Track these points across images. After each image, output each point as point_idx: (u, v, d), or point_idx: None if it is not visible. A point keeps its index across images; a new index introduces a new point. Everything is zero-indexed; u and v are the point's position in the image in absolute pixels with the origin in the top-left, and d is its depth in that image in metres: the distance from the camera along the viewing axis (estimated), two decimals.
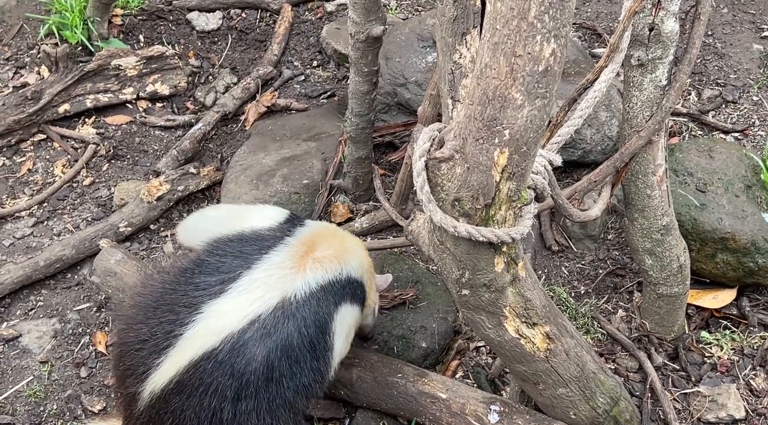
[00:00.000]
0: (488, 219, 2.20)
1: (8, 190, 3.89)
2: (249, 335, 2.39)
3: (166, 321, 2.43)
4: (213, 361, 2.37)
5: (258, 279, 2.47)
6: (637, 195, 2.94)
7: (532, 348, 2.58)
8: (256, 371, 2.40)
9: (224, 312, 2.40)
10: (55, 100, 4.12)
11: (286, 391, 2.49)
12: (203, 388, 2.40)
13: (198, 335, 2.39)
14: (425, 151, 2.22)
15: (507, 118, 2.03)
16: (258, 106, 4.46)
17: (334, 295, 2.63)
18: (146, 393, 2.46)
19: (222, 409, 2.41)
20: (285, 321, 2.46)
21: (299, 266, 2.57)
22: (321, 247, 2.67)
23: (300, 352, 2.49)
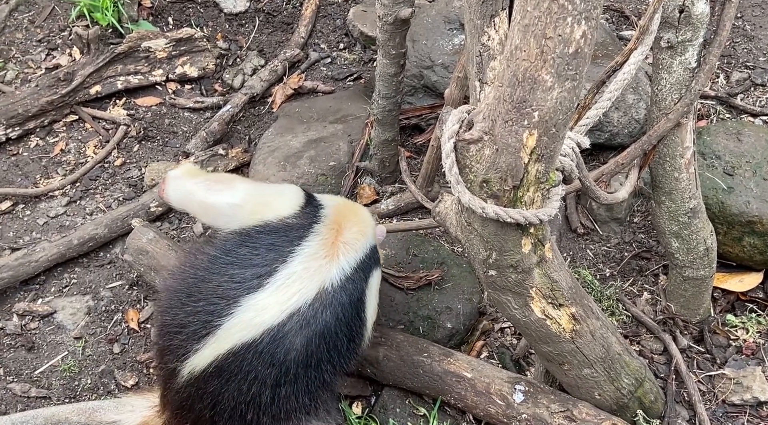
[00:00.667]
0: (516, 201, 2.22)
1: (42, 169, 3.96)
2: (288, 327, 2.45)
3: (203, 311, 2.49)
4: (253, 351, 2.44)
5: (295, 272, 2.51)
6: (664, 177, 2.94)
7: (557, 328, 2.61)
8: (296, 359, 2.47)
9: (264, 307, 2.45)
10: (86, 82, 4.19)
11: (324, 374, 2.57)
12: (242, 375, 2.48)
13: (237, 327, 2.44)
14: (454, 132, 2.24)
15: (536, 100, 2.04)
16: (285, 88, 4.49)
17: (364, 271, 2.69)
18: (185, 371, 2.54)
19: (261, 394, 2.49)
20: (323, 311, 2.51)
21: (332, 254, 2.61)
22: (346, 228, 2.70)
23: (337, 336, 2.56)
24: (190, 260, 2.68)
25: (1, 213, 3.74)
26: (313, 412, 2.62)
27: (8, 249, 3.57)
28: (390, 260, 3.47)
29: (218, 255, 2.62)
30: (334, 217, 2.73)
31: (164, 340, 2.60)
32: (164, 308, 2.63)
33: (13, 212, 3.76)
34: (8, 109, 3.99)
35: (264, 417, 2.53)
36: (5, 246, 3.59)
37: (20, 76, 4.43)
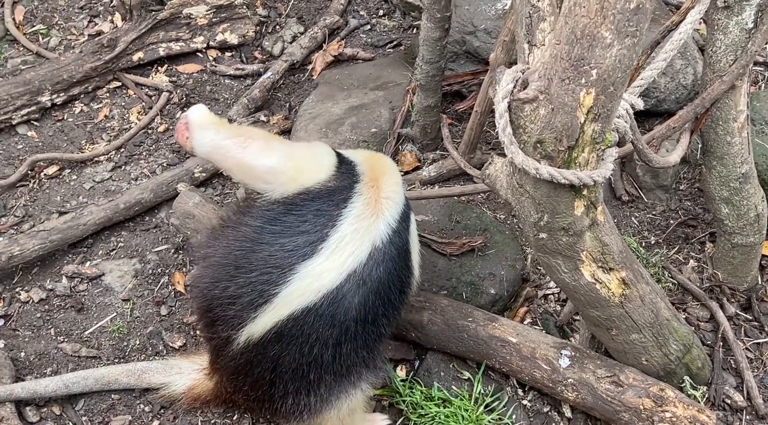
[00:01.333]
0: (570, 162, 2.20)
1: (87, 135, 4.00)
2: (347, 288, 2.50)
3: (257, 281, 2.51)
4: (314, 315, 2.49)
5: (346, 235, 2.53)
6: (716, 142, 2.89)
7: (607, 293, 2.59)
8: (355, 317, 2.53)
9: (320, 273, 2.48)
10: (129, 48, 4.20)
11: (381, 327, 2.64)
12: (303, 339, 2.53)
13: (296, 294, 2.48)
14: (508, 92, 2.22)
15: (595, 58, 2.02)
16: (325, 55, 4.48)
17: (404, 221, 2.72)
18: (242, 339, 2.58)
19: (323, 354, 2.55)
20: (376, 268, 2.56)
21: (377, 211, 2.62)
22: (383, 183, 2.70)
23: (390, 290, 2.62)
24: (232, 233, 2.69)
25: (49, 178, 3.79)
26: (371, 364, 2.68)
27: (56, 212, 3.62)
28: (432, 226, 3.47)
29: (263, 226, 2.63)
30: (369, 174, 2.72)
31: (214, 312, 2.62)
32: (210, 282, 2.64)
33: (60, 177, 3.80)
34: (53, 75, 4.02)
35: (326, 374, 2.59)
36: (53, 209, 3.64)
37: (63, 42, 4.46)
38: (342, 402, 2.68)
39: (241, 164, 2.71)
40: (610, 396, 2.80)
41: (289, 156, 2.72)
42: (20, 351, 3.15)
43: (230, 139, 2.69)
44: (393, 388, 3.03)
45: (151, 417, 3.00)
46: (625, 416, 2.78)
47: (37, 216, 3.63)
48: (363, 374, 2.69)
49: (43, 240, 3.36)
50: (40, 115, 4.05)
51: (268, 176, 2.68)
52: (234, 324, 2.58)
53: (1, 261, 3.28)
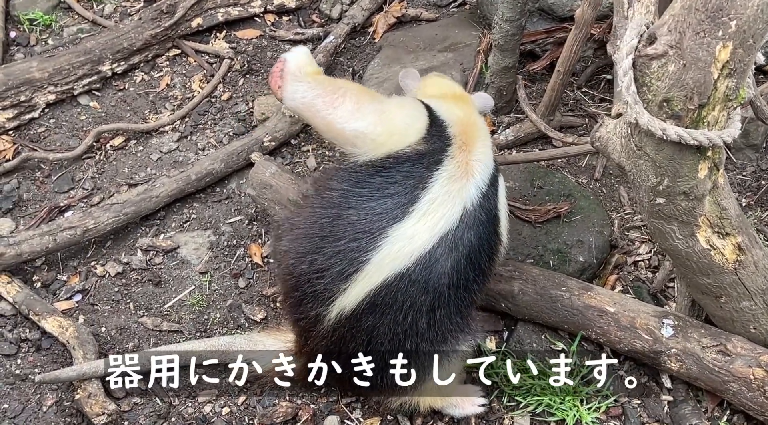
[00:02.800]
0: (699, 121, 2.06)
1: (149, 105, 3.91)
2: (439, 252, 2.41)
3: (346, 249, 2.42)
4: (407, 280, 2.40)
5: (437, 197, 2.45)
6: None
7: (721, 259, 2.47)
8: (448, 283, 2.44)
9: (413, 236, 2.40)
10: (188, 14, 4.08)
11: (472, 293, 2.56)
12: (397, 306, 2.44)
13: (388, 259, 2.39)
14: (633, 47, 2.07)
15: (735, 7, 1.87)
16: (387, 16, 4.33)
17: (493, 183, 2.62)
18: (333, 314, 2.49)
19: (417, 321, 2.46)
20: (467, 231, 2.47)
21: (468, 174, 2.52)
22: (475, 145, 2.59)
23: (480, 256, 2.53)
24: (317, 201, 2.59)
25: (115, 149, 3.71)
26: (466, 328, 2.59)
27: (125, 185, 3.55)
28: (515, 193, 3.34)
29: (350, 188, 2.53)
30: (461, 136, 2.60)
31: (302, 290, 2.53)
32: (297, 257, 2.54)
33: (126, 148, 3.72)
34: (114, 44, 3.92)
35: (423, 343, 2.50)
36: (122, 182, 3.57)
37: (118, 9, 4.35)
38: (442, 370, 2.59)
39: (330, 126, 2.62)
40: (718, 366, 2.70)
41: (379, 120, 2.60)
42: (101, 327, 3.10)
43: (322, 97, 2.58)
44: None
45: (237, 392, 2.93)
46: (734, 386, 2.68)
47: (106, 188, 3.55)
48: (459, 339, 2.60)
49: (117, 213, 3.28)
50: (102, 85, 3.95)
51: (357, 140, 2.58)
52: (324, 300, 2.49)
53: (77, 235, 3.21)
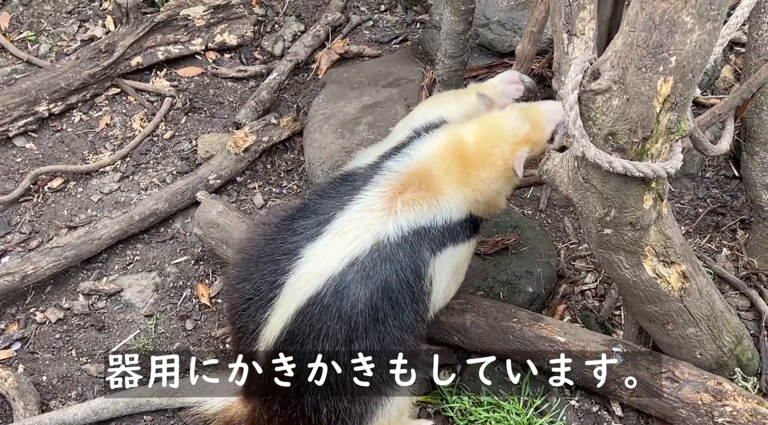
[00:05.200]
0: (643, 153, 2.12)
1: (89, 145, 3.82)
2: (350, 277, 2.36)
3: (268, 272, 2.40)
4: (319, 306, 2.35)
5: (351, 221, 2.41)
6: (760, 127, 2.85)
7: (667, 287, 2.52)
8: (363, 312, 2.38)
9: (323, 255, 2.37)
10: (127, 53, 4.03)
11: (393, 330, 2.46)
12: (315, 334, 2.37)
13: (301, 281, 2.36)
14: (578, 83, 2.12)
15: (675, 44, 1.93)
16: (330, 53, 4.35)
17: (430, 241, 2.53)
18: (261, 351, 2.44)
19: (336, 352, 2.39)
20: (382, 264, 2.41)
21: (389, 209, 2.46)
22: (412, 188, 2.50)
23: (399, 294, 2.45)
24: (261, 227, 2.58)
25: (54, 191, 3.61)
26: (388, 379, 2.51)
27: (65, 227, 3.45)
28: None
29: (290, 214, 2.53)
30: (406, 172, 2.52)
31: (236, 323, 2.50)
32: (232, 287, 2.52)
33: (65, 189, 3.62)
34: (50, 84, 3.83)
35: (349, 377, 2.43)
36: (62, 224, 3.46)
37: (54, 49, 4.26)
38: (377, 413, 2.53)
39: None
40: (667, 393, 2.74)
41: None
42: (42, 375, 2.99)
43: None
44: (438, 394, 2.93)
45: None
46: (683, 412, 2.72)
47: (45, 232, 3.45)
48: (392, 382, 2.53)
49: (57, 257, 3.18)
50: (38, 126, 3.86)
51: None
52: (251, 334, 2.44)
53: (15, 281, 3.11)
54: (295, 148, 3.93)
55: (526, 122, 2.55)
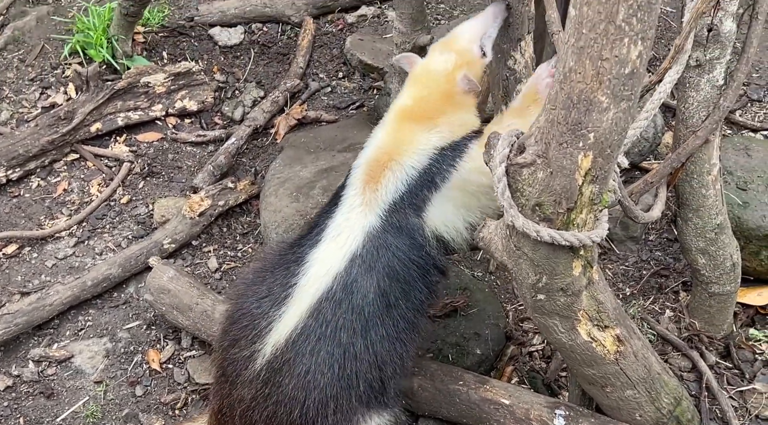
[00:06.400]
0: (569, 223, 2.21)
1: (46, 210, 3.86)
2: (355, 271, 2.55)
3: (281, 276, 2.62)
4: (331, 301, 2.52)
5: (339, 223, 2.63)
6: (692, 194, 2.96)
7: (602, 351, 2.59)
8: (374, 301, 2.55)
9: (325, 258, 2.57)
10: (87, 120, 4.11)
11: (406, 312, 2.63)
12: (331, 327, 2.52)
13: (311, 281, 2.55)
14: (505, 156, 2.22)
15: (592, 121, 2.04)
16: (288, 118, 4.46)
17: (410, 206, 2.68)
18: (268, 347, 2.52)
19: (353, 343, 2.52)
20: (378, 252, 2.59)
21: (365, 203, 2.66)
22: (380, 173, 2.70)
23: (405, 273, 2.63)
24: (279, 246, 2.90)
25: (8, 257, 3.63)
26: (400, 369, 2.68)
27: (18, 293, 3.46)
28: None
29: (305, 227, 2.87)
30: (367, 162, 2.76)
31: (239, 324, 2.62)
32: (245, 289, 2.71)
33: (20, 255, 3.64)
34: (8, 150, 3.89)
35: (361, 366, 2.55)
36: (14, 290, 3.48)
37: (15, 116, 4.33)
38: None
39: None
40: None
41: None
42: None
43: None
44: None
45: None
46: None
47: None
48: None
49: (7, 324, 3.19)
50: None
51: None
52: (263, 329, 2.56)
53: None
54: (251, 211, 4.00)
55: (449, 52, 2.78)
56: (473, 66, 2.78)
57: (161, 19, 4.94)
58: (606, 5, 1.88)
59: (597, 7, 1.90)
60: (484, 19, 2.79)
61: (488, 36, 2.80)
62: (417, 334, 2.73)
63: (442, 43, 2.86)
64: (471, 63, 2.78)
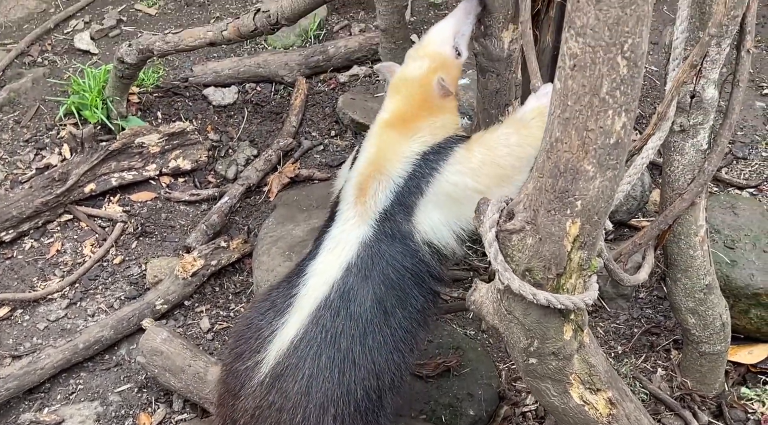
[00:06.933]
0: (559, 289, 2.24)
1: (39, 272, 3.86)
2: (351, 280, 2.60)
3: (283, 288, 2.72)
4: (330, 309, 2.57)
5: (335, 236, 2.71)
6: (680, 256, 2.99)
7: (595, 414, 2.59)
8: (371, 308, 2.60)
9: (323, 269, 2.65)
10: (81, 181, 4.14)
11: (403, 321, 2.67)
12: (331, 333, 2.57)
13: (310, 290, 2.62)
14: (494, 222, 2.26)
15: (579, 190, 2.09)
16: (281, 176, 4.51)
17: (400, 213, 2.72)
18: (272, 354, 2.57)
19: (352, 349, 2.55)
20: (372, 260, 2.64)
21: (358, 215, 2.71)
22: (369, 185, 2.74)
23: (400, 280, 2.67)
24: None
25: (0, 320, 3.61)
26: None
27: (9, 357, 3.44)
28: None
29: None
30: (356, 180, 2.79)
31: (246, 335, 2.68)
32: (254, 304, 2.81)
33: (12, 318, 3.64)
34: (2, 212, 3.91)
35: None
36: (5, 354, 3.46)
37: (9, 177, 4.36)
38: None
39: None
40: None
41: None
42: None
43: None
44: None
45: None
46: None
47: None
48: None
49: None
50: None
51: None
52: (266, 338, 2.61)
53: None
54: (244, 269, 4.02)
55: (422, 58, 2.83)
56: (449, 68, 2.82)
57: (156, 79, 5.02)
58: (590, 79, 1.94)
59: (581, 80, 1.95)
60: (455, 18, 2.82)
61: (462, 35, 2.83)
62: (415, 346, 2.76)
63: (416, 48, 2.91)
64: (446, 65, 2.81)
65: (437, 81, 2.77)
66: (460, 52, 2.84)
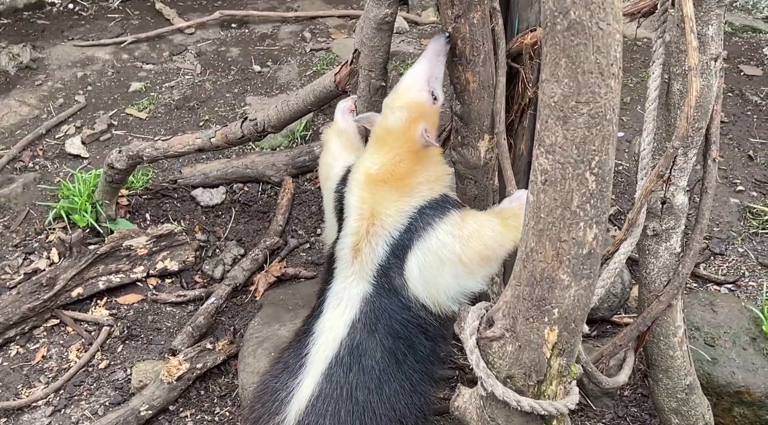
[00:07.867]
0: (540, 395, 2.28)
1: (23, 379, 3.84)
2: (358, 336, 2.68)
3: (294, 349, 2.81)
4: (341, 366, 2.65)
5: (337, 293, 2.79)
6: (660, 356, 3.04)
7: None
8: (383, 359, 2.68)
9: (330, 327, 2.73)
10: (68, 285, 4.17)
11: (416, 364, 2.75)
12: (346, 389, 2.63)
13: (321, 348, 2.70)
14: (475, 329, 2.32)
15: (555, 298, 2.16)
16: (267, 276, 4.56)
17: (393, 267, 2.76)
18: (292, 415, 2.64)
19: (370, 400, 2.64)
20: (377, 315, 2.71)
21: (356, 272, 2.78)
22: (363, 248, 2.78)
23: (406, 330, 2.73)
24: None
25: None
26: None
27: None
28: None
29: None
30: (351, 236, 2.81)
31: (262, 399, 2.77)
32: (269, 368, 2.96)
33: None
34: None
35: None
36: None
37: None
38: None
39: None
40: None
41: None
42: None
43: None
44: None
45: None
46: None
47: None
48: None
49: None
50: None
51: None
52: (283, 399, 2.69)
53: None
54: (230, 371, 4.01)
55: (400, 109, 2.76)
56: (428, 115, 2.77)
57: (145, 182, 5.13)
58: (561, 193, 2.05)
59: (553, 194, 2.06)
60: (427, 60, 2.76)
61: (435, 78, 2.76)
62: (433, 384, 2.83)
63: (392, 97, 2.83)
64: (425, 114, 2.76)
65: (421, 133, 2.73)
66: (436, 96, 2.78)
